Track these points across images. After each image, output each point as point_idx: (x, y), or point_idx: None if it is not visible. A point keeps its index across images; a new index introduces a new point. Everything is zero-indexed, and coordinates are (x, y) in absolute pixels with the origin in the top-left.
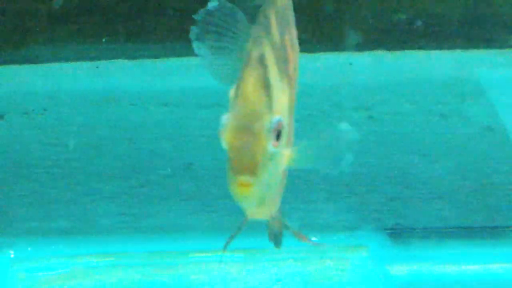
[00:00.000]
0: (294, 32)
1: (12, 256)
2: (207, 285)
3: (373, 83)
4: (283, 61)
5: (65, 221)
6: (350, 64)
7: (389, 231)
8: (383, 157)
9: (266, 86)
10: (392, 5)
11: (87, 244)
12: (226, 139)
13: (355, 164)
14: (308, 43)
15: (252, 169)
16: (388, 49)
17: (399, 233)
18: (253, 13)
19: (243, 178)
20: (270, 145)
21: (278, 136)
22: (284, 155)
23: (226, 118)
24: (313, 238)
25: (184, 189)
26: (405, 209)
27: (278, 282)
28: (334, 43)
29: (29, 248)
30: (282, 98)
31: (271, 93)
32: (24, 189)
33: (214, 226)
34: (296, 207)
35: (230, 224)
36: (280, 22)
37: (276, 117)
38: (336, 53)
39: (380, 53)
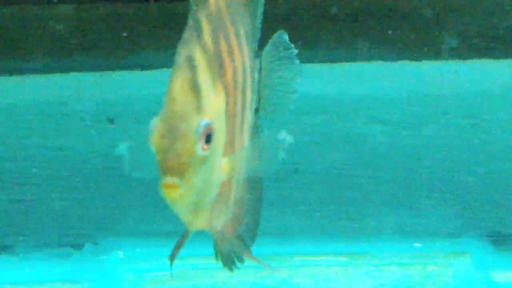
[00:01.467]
0: (235, 39)
1: (121, 256)
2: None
3: (479, 91)
4: (217, 66)
5: (172, 224)
6: (455, 72)
7: (492, 238)
8: (489, 165)
9: (194, 88)
10: (498, 13)
11: (193, 246)
12: (153, 142)
13: (460, 171)
14: (412, 51)
15: (178, 171)
16: (494, 57)
17: (502, 240)
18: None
19: (169, 179)
20: (199, 148)
21: (208, 139)
22: (223, 163)
23: (154, 121)
24: (416, 244)
25: (291, 194)
26: (510, 216)
27: (381, 287)
28: (439, 51)
29: (137, 249)
30: (215, 102)
31: (201, 95)
32: (133, 192)
33: (319, 230)
34: (400, 213)
35: (336, 229)
36: (216, 27)
37: (205, 120)
38: (441, 61)
39: (485, 61)
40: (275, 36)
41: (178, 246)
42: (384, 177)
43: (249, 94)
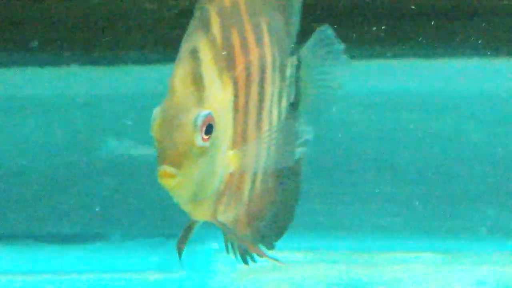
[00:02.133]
0: (253, 33)
1: (215, 247)
2: (404, 284)
3: None
4: (226, 59)
5: None
6: None
7: None
8: None
9: (196, 80)
10: None
11: (289, 239)
12: (152, 131)
13: None
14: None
15: (175, 160)
16: None
17: None
18: None
19: (165, 168)
20: (199, 139)
21: (209, 130)
22: (230, 155)
23: (155, 111)
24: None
25: (386, 190)
26: None
27: (477, 285)
28: None
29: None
30: (219, 94)
31: (202, 87)
32: None
33: (416, 227)
34: (496, 211)
35: (432, 226)
36: (228, 21)
37: (205, 111)
38: None
39: None
40: (317, 31)
41: (184, 236)
42: (481, 175)
43: (269, 89)
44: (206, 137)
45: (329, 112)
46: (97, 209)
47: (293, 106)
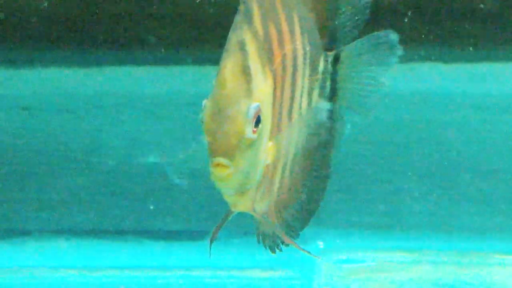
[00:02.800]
0: (287, 26)
1: (321, 247)
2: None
3: None
4: (266, 52)
5: (372, 217)
6: None
7: None
8: None
9: (245, 71)
10: None
11: (393, 240)
12: (203, 123)
13: None
14: None
15: (228, 152)
16: None
17: None
18: None
19: (219, 160)
20: (250, 131)
21: (257, 123)
22: (267, 147)
23: (205, 103)
24: None
25: (491, 192)
26: None
27: None
28: None
29: (338, 240)
30: (263, 87)
31: (251, 79)
32: (337, 185)
33: None
34: None
35: None
36: (266, 13)
37: (255, 103)
38: None
39: None
40: (377, 33)
41: (219, 227)
42: None
43: (300, 82)
44: (255, 129)
45: (374, 111)
46: (203, 207)
47: (328, 101)
